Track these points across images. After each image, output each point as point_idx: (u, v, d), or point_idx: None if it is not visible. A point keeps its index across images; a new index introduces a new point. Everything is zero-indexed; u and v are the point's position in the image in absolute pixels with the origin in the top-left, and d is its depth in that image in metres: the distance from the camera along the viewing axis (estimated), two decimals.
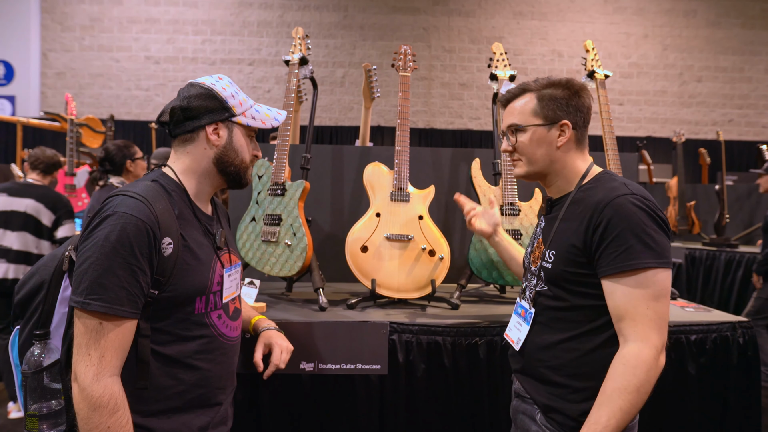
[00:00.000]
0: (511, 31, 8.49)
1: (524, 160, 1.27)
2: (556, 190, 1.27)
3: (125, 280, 0.98)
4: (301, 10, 8.36)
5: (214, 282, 1.14)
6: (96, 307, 0.95)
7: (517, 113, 1.26)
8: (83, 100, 8.08)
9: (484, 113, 8.57)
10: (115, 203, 1.02)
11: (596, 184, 1.19)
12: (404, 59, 2.14)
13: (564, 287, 1.17)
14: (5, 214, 3.01)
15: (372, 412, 1.65)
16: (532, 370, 1.23)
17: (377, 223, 1.91)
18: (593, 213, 1.11)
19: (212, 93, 1.14)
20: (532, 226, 2.01)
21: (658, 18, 8.56)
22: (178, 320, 1.08)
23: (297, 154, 2.24)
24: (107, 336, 0.97)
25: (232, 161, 1.18)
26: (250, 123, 1.19)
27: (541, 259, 1.23)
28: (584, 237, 1.12)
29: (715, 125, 8.65)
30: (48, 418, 1.05)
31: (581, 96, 1.23)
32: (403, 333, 1.65)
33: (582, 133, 1.24)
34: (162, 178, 1.13)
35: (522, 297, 1.32)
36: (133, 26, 8.19)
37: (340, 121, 8.47)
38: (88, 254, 0.98)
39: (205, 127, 1.14)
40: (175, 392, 1.07)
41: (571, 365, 1.15)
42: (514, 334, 1.31)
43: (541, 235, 1.28)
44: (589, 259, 1.13)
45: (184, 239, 1.09)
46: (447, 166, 2.48)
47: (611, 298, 1.10)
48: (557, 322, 1.19)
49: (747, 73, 8.65)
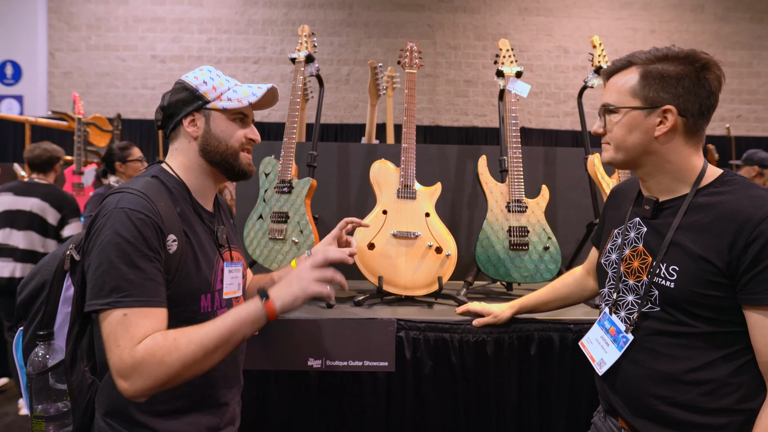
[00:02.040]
0: (517, 27, 8.44)
1: (612, 146, 1.07)
2: (660, 189, 1.06)
3: (149, 271, 0.96)
4: (306, 7, 8.35)
5: (218, 279, 1.13)
6: (129, 304, 0.92)
7: (614, 91, 1.05)
8: (90, 99, 8.12)
9: (489, 110, 8.54)
10: (116, 200, 1.00)
11: (727, 188, 0.98)
12: (410, 56, 2.14)
13: (689, 311, 0.97)
14: (11, 213, 3.03)
15: (379, 409, 1.66)
16: (649, 410, 1.02)
17: (384, 221, 1.91)
18: (743, 227, 0.92)
19: (183, 85, 1.14)
20: (539, 223, 2.00)
21: (665, 13, 8.49)
22: (185, 319, 1.05)
23: (303, 152, 2.24)
24: (137, 325, 0.93)
25: (215, 149, 1.13)
26: (225, 105, 1.14)
27: (652, 274, 1.02)
28: (728, 255, 0.93)
29: (723, 121, 8.57)
30: (55, 419, 1.04)
31: (703, 76, 0.99)
32: (411, 330, 1.65)
33: (696, 123, 1.01)
34: (161, 174, 1.11)
35: (613, 311, 1.10)
36: (138, 25, 8.21)
37: (345, 119, 8.47)
38: (102, 254, 0.95)
39: (182, 120, 1.13)
40: (183, 392, 1.05)
41: (703, 399, 0.96)
42: (596, 351, 1.12)
43: (641, 243, 1.07)
44: (731, 281, 0.93)
45: (188, 236, 1.07)
46: (453, 163, 2.48)
47: (761, 332, 0.91)
48: (677, 349, 0.99)
49: (755, 68, 8.57)
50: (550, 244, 1.99)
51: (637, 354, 1.03)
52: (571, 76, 8.43)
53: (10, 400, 3.34)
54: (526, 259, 1.98)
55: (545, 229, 2.01)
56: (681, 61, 1.00)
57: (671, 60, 1.01)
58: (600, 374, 1.10)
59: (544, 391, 1.68)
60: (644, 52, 1.04)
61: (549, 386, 1.68)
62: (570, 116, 8.50)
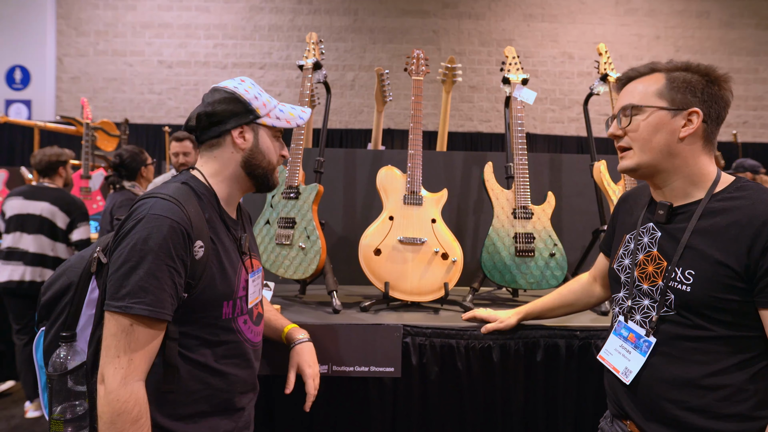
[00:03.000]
0: (522, 33, 8.46)
1: (635, 148, 1.07)
2: (675, 194, 1.07)
3: (165, 282, 0.97)
4: (312, 14, 8.41)
5: (240, 287, 1.14)
6: (139, 311, 0.94)
7: (637, 93, 1.07)
8: (97, 104, 8.19)
9: (494, 116, 8.55)
10: (148, 205, 1.01)
11: (742, 193, 1.00)
12: (417, 63, 2.15)
13: (706, 315, 0.97)
14: (21, 217, 3.06)
15: (385, 415, 1.66)
16: (663, 414, 1.01)
17: (390, 227, 1.92)
18: (761, 230, 0.93)
19: (235, 96, 1.14)
20: (545, 229, 2.01)
21: (670, 19, 8.49)
22: (206, 324, 1.07)
23: (310, 158, 2.26)
24: (139, 339, 0.96)
25: (259, 164, 1.17)
26: (275, 124, 1.18)
27: (667, 278, 1.02)
28: (746, 258, 0.93)
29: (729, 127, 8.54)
30: (73, 422, 1.05)
31: (720, 87, 1.04)
32: (417, 336, 1.66)
33: (713, 130, 1.04)
34: (192, 181, 1.12)
35: (629, 317, 1.11)
36: (146, 31, 8.29)
37: (351, 124, 8.50)
38: (125, 257, 0.97)
39: (230, 131, 1.14)
40: (203, 396, 1.07)
41: (719, 405, 0.96)
42: (618, 361, 1.11)
43: (655, 247, 1.07)
44: (748, 284, 0.94)
45: (214, 243, 1.09)
46: (459, 170, 2.48)
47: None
48: (693, 353, 0.99)
49: (762, 74, 8.54)
50: (556, 250, 2.00)
51: (653, 358, 1.04)
52: (576, 82, 8.43)
53: (17, 402, 3.36)
54: (532, 266, 1.98)
55: (551, 235, 2.01)
56: (702, 73, 1.05)
57: (692, 70, 1.05)
58: (627, 383, 1.08)
59: (550, 397, 1.68)
60: (662, 63, 1.09)
61: (555, 393, 1.67)
62: (575, 122, 8.50)
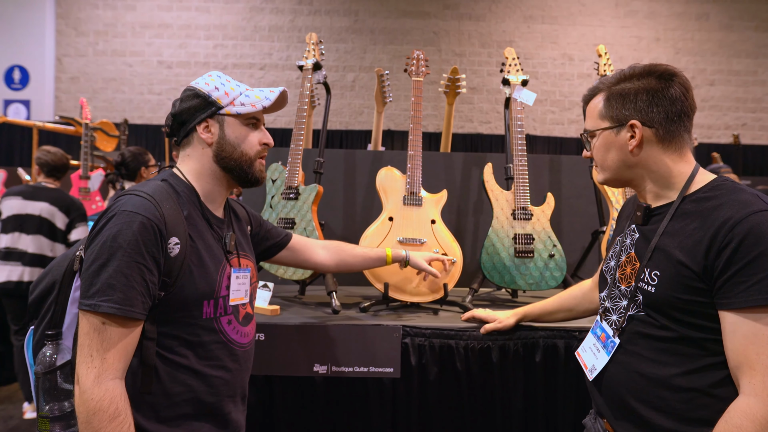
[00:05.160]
0: (522, 35, 8.47)
1: (598, 167, 1.13)
2: (652, 196, 1.09)
3: (134, 280, 0.96)
4: (312, 14, 8.41)
5: (222, 286, 1.11)
6: (106, 309, 0.93)
7: (588, 117, 1.14)
8: (96, 105, 8.18)
9: (494, 117, 8.56)
10: (121, 202, 1.01)
11: (714, 193, 0.99)
12: (417, 64, 2.15)
13: (670, 315, 0.98)
14: (20, 217, 3.05)
15: (385, 415, 1.66)
16: (628, 412, 1.02)
17: (390, 227, 1.92)
18: (719, 231, 0.92)
19: (195, 92, 1.13)
20: (544, 230, 2.01)
21: (669, 21, 8.50)
22: (186, 324, 1.05)
23: (310, 159, 2.26)
24: (111, 337, 0.94)
25: (230, 155, 1.14)
26: (239, 110, 1.14)
27: (638, 279, 1.04)
28: (704, 259, 0.93)
29: (728, 129, 8.56)
30: (60, 419, 1.04)
31: (662, 86, 1.03)
32: (416, 336, 1.66)
33: (669, 131, 1.03)
34: (171, 178, 1.12)
35: (604, 318, 1.13)
36: (146, 31, 8.28)
37: (351, 125, 8.50)
38: (95, 255, 0.96)
39: (195, 127, 1.13)
40: (185, 399, 1.05)
41: (683, 407, 0.95)
42: (588, 358, 1.14)
43: (633, 249, 1.09)
44: (708, 285, 0.93)
45: (192, 240, 1.07)
46: (459, 171, 2.48)
47: (730, 337, 0.91)
48: (661, 354, 0.99)
49: (761, 77, 8.55)
50: (555, 251, 2.00)
51: (622, 357, 1.05)
52: (576, 84, 8.44)
53: (15, 404, 3.35)
54: (531, 267, 1.98)
55: (550, 236, 2.01)
56: (639, 77, 1.05)
57: (630, 78, 1.07)
58: (590, 380, 1.12)
59: (549, 398, 1.68)
60: (611, 76, 1.11)
61: (554, 393, 1.67)
62: (575, 124, 8.50)
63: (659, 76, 1.04)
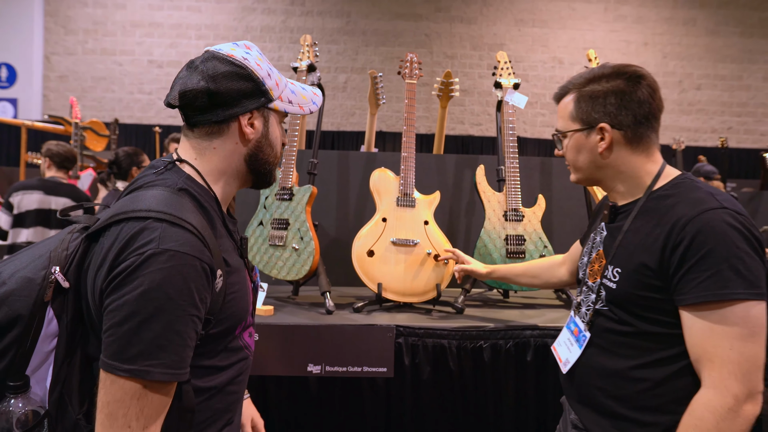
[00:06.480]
0: (513, 38, 8.54)
1: (571, 167, 1.15)
2: (620, 195, 1.11)
3: (188, 337, 0.79)
4: (304, 15, 8.41)
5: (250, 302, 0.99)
6: (158, 376, 0.76)
7: (560, 117, 1.15)
8: (85, 104, 8.11)
9: (485, 119, 8.62)
10: (155, 235, 0.78)
11: (673, 191, 1.01)
12: (410, 67, 2.17)
13: (630, 311, 1.01)
14: (43, 212, 3.03)
15: (378, 414, 1.67)
16: (590, 399, 1.08)
17: (383, 228, 1.93)
18: (673, 229, 0.95)
19: (247, 72, 0.89)
20: (535, 232, 2.04)
21: (657, 26, 8.62)
22: (218, 352, 0.90)
23: (304, 160, 2.27)
24: (153, 404, 0.77)
25: (266, 158, 0.96)
26: (288, 109, 0.96)
27: (603, 275, 1.07)
28: (660, 257, 0.96)
29: (714, 132, 8.69)
30: None
31: (630, 88, 1.04)
32: (409, 336, 1.68)
33: (636, 132, 1.05)
34: (190, 185, 0.89)
35: (576, 312, 1.16)
36: (136, 30, 8.23)
37: (343, 126, 8.51)
38: (133, 308, 0.75)
39: (238, 117, 0.90)
40: (210, 423, 0.92)
41: (638, 397, 1.00)
42: (563, 352, 1.17)
43: (601, 246, 1.12)
44: (664, 283, 0.96)
45: (227, 264, 0.89)
46: (451, 172, 2.51)
47: (689, 332, 0.93)
48: (621, 347, 1.03)
49: (746, 81, 8.70)
50: (546, 252, 2.03)
51: (588, 349, 1.09)
52: None
53: None
54: None
55: (541, 237, 2.04)
56: (608, 78, 1.06)
57: (599, 79, 1.06)
58: (564, 373, 1.16)
59: (540, 396, 1.70)
60: (580, 75, 1.11)
61: (546, 392, 1.70)
62: None
63: (628, 78, 1.04)
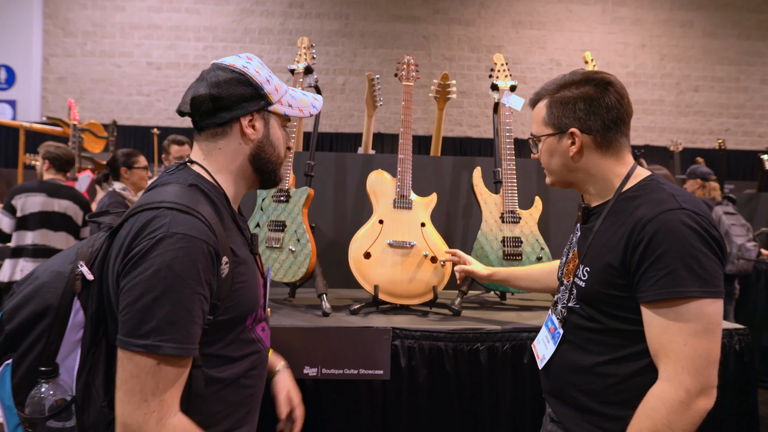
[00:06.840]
0: (510, 40, 8.56)
1: (546, 170, 1.20)
2: (592, 197, 1.16)
3: (196, 314, 0.85)
4: (303, 17, 8.42)
5: (260, 294, 1.04)
6: (169, 350, 0.82)
7: (534, 122, 1.18)
8: (84, 105, 8.11)
9: (483, 121, 8.63)
10: (165, 221, 0.86)
11: (639, 192, 1.05)
12: (407, 69, 2.18)
13: (599, 308, 1.06)
14: (46, 214, 3.03)
15: (375, 417, 1.67)
16: (563, 393, 1.13)
17: (380, 230, 1.93)
18: (634, 229, 0.99)
19: (246, 78, 0.99)
20: (532, 234, 2.04)
21: (655, 28, 8.65)
22: (230, 342, 0.96)
23: (301, 162, 2.27)
24: (168, 377, 0.84)
25: (269, 158, 1.04)
26: (287, 112, 1.04)
27: (575, 275, 1.12)
28: (623, 256, 1.00)
29: (712, 134, 8.71)
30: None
31: (599, 94, 1.07)
32: (406, 338, 1.68)
33: (606, 137, 1.08)
34: (200, 182, 0.98)
35: (553, 310, 1.21)
36: (135, 32, 8.23)
37: (341, 128, 8.52)
38: (146, 286, 0.83)
39: (239, 119, 0.99)
40: (224, 416, 0.97)
41: (606, 392, 1.04)
42: (540, 349, 1.22)
43: (576, 247, 1.17)
44: (627, 281, 1.01)
45: (235, 254, 0.96)
46: (449, 174, 2.51)
47: (648, 328, 0.98)
48: (590, 344, 1.08)
49: (743, 83, 8.73)
50: (542, 254, 2.03)
51: (561, 345, 1.14)
52: None
53: None
54: None
55: (538, 239, 2.04)
56: (578, 85, 1.09)
57: (570, 85, 1.10)
58: (540, 368, 1.21)
59: (537, 399, 1.70)
60: (553, 82, 1.14)
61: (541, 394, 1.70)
62: None
63: (596, 84, 1.08)
